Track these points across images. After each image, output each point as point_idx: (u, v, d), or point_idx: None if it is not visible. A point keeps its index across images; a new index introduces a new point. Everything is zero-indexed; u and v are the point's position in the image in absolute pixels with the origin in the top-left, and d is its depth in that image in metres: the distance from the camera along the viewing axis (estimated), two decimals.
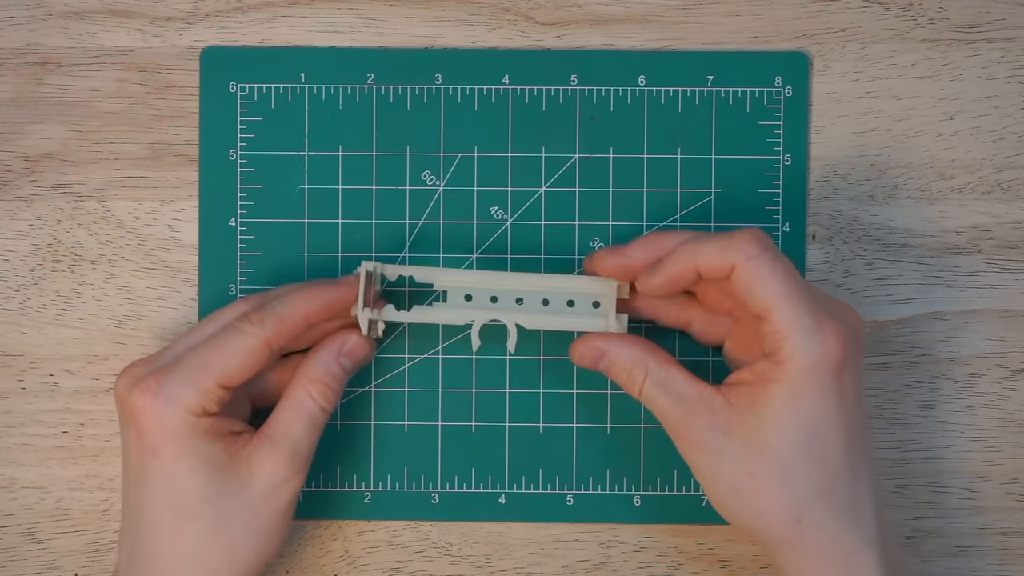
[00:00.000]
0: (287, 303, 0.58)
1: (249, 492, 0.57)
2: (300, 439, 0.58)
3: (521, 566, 0.64)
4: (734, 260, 0.56)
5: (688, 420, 0.56)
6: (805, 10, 0.65)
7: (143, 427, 0.56)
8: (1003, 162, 0.65)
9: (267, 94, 0.64)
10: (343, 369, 0.59)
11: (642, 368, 0.58)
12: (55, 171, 0.64)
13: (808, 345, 0.55)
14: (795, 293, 0.55)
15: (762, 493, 0.56)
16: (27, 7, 0.64)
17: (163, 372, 0.57)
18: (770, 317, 0.55)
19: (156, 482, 0.56)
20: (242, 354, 0.57)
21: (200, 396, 0.56)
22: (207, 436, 0.56)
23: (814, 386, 0.55)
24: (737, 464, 0.56)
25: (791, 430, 0.55)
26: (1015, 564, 0.65)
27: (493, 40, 0.65)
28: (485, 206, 0.64)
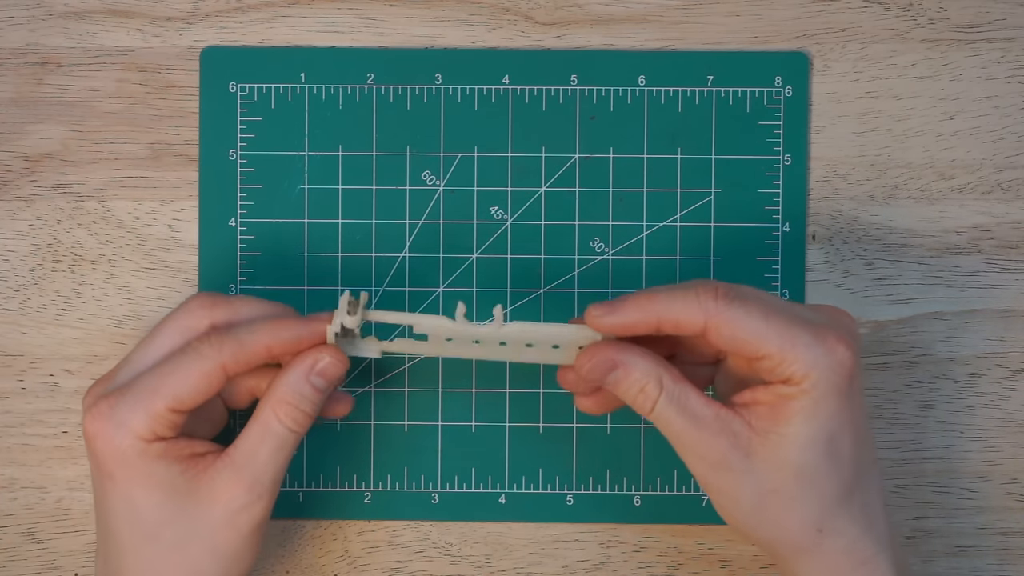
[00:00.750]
0: (252, 332, 0.56)
1: (210, 516, 0.56)
2: (264, 463, 0.56)
3: (521, 566, 0.64)
4: (703, 320, 0.54)
5: (706, 441, 0.55)
6: (805, 10, 0.65)
7: (97, 451, 0.55)
8: (1003, 162, 0.65)
9: (267, 94, 0.64)
10: (315, 389, 0.56)
11: (657, 384, 0.55)
12: (55, 171, 0.64)
13: (819, 358, 0.54)
14: (782, 320, 0.54)
15: (786, 508, 0.55)
16: (27, 7, 0.64)
17: (115, 396, 0.55)
18: (770, 353, 0.54)
19: (114, 505, 0.56)
20: (196, 379, 0.55)
21: (150, 421, 0.55)
22: (161, 460, 0.55)
23: (832, 396, 0.54)
24: (760, 483, 0.55)
25: (813, 443, 0.54)
26: (1015, 564, 0.65)
27: (493, 40, 0.65)
28: (485, 206, 0.64)
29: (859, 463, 0.55)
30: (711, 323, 0.54)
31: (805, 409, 0.54)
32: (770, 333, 0.54)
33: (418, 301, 0.64)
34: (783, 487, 0.55)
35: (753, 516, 0.55)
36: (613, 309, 0.56)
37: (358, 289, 0.63)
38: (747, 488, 0.55)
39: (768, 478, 0.55)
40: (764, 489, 0.55)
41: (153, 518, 0.55)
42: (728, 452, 0.55)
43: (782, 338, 0.54)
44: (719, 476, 0.55)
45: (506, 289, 0.64)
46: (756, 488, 0.55)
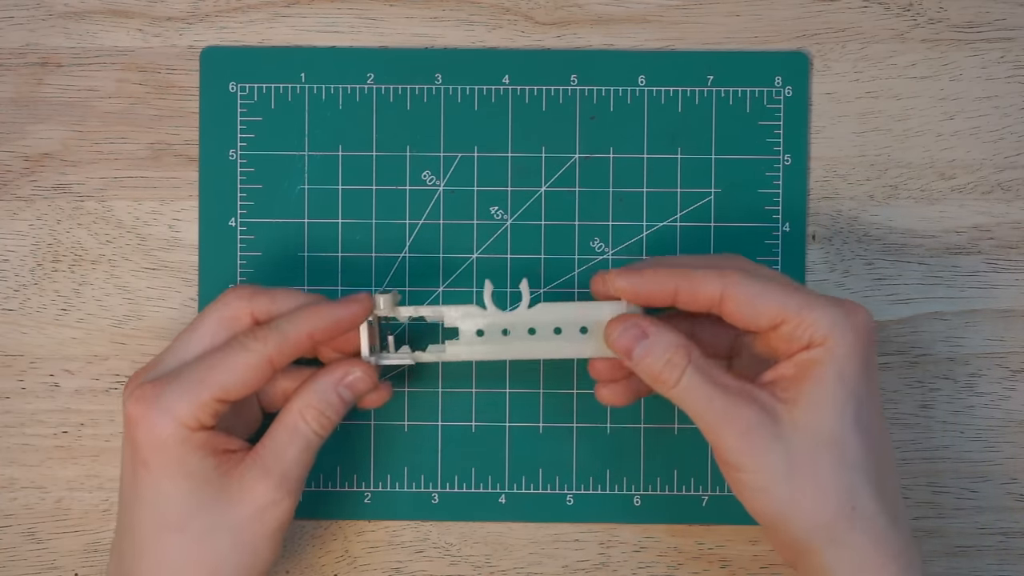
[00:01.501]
0: (292, 321, 0.57)
1: (236, 511, 0.56)
2: (292, 463, 0.57)
3: (521, 566, 0.64)
4: (720, 290, 0.55)
5: (734, 410, 0.54)
6: (805, 10, 0.65)
7: (136, 437, 0.56)
8: (1003, 162, 0.65)
9: (267, 94, 0.64)
10: (342, 400, 0.58)
11: (685, 355, 0.55)
12: (55, 171, 0.64)
13: (839, 318, 0.54)
14: (795, 290, 0.55)
15: (820, 477, 0.54)
16: (27, 7, 0.64)
17: (162, 383, 0.56)
18: (787, 317, 0.55)
19: (143, 494, 0.56)
20: (243, 370, 0.56)
21: (196, 409, 0.55)
22: (199, 451, 0.56)
23: (855, 360, 0.54)
24: (791, 451, 0.54)
25: (846, 409, 0.54)
26: (1015, 564, 0.65)
27: (493, 40, 0.65)
28: (485, 206, 0.64)
29: (884, 442, 0.56)
30: (728, 292, 0.55)
31: (833, 373, 0.54)
32: (789, 299, 0.55)
33: (418, 301, 0.64)
34: (816, 455, 0.54)
35: (785, 490, 0.54)
36: (633, 271, 0.56)
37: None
38: (778, 456, 0.54)
39: (799, 445, 0.54)
40: (795, 458, 0.54)
41: (181, 509, 0.56)
42: (757, 417, 0.54)
43: (800, 303, 0.55)
44: (748, 445, 0.54)
45: (506, 289, 0.64)
46: (787, 456, 0.54)
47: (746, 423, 0.54)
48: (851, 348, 0.54)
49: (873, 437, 0.55)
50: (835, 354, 0.54)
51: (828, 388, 0.54)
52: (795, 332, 0.55)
